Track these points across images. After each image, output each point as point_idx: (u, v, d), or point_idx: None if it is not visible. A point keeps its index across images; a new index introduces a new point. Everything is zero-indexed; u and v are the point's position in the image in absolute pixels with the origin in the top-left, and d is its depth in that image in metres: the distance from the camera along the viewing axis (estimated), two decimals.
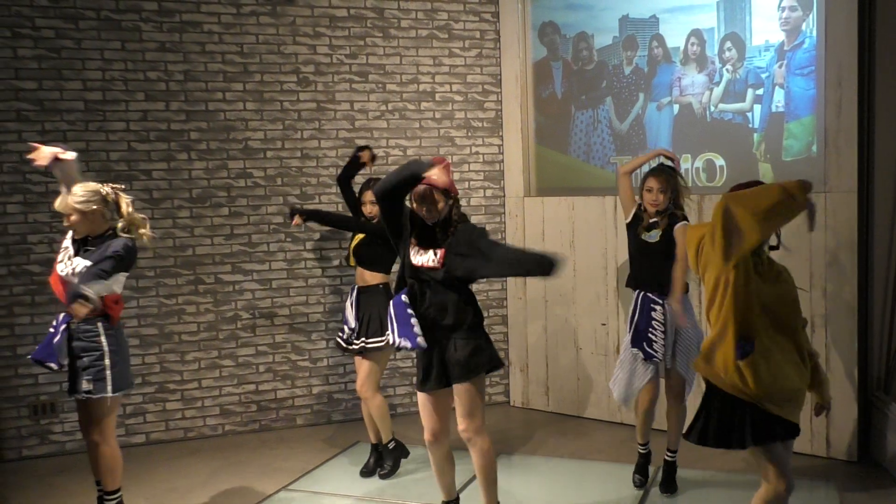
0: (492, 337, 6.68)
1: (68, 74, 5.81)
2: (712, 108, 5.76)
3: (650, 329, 4.66)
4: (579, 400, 6.45)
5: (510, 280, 6.77)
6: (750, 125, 5.60)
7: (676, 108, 5.95)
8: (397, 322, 3.85)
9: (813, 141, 5.32)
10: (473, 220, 6.73)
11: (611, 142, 6.32)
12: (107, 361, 4.06)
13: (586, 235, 6.30)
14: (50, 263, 5.74)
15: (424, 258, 3.89)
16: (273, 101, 6.25)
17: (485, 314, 6.74)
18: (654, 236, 4.66)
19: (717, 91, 5.72)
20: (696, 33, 5.79)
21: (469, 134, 6.74)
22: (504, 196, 6.83)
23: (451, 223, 3.94)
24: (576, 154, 6.52)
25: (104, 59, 5.87)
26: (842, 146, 5.13)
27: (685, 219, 4.67)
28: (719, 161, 5.77)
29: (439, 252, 3.87)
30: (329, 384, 6.48)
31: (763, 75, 5.49)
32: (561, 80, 6.57)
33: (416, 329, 3.82)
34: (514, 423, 6.44)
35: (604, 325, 6.23)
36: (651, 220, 4.71)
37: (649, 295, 4.69)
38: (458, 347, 3.88)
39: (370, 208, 5.12)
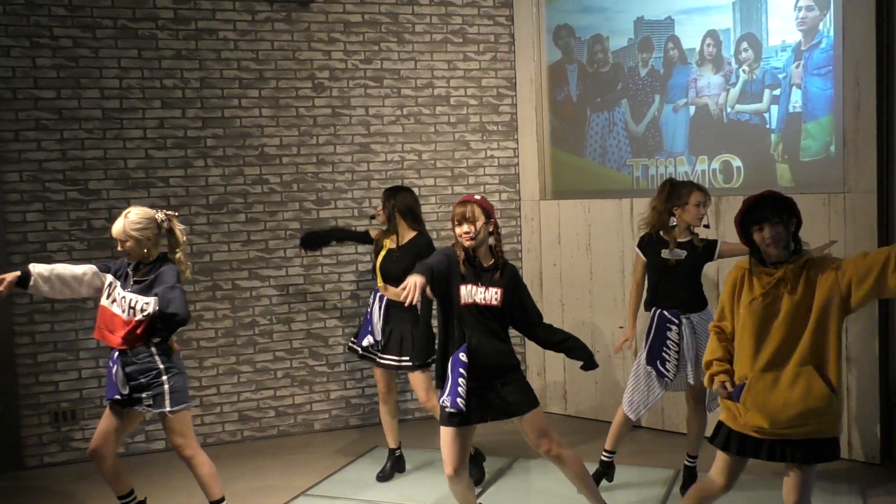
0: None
1: (86, 83, 5.85)
2: (729, 110, 5.73)
3: (664, 349, 4.64)
4: (597, 403, 6.43)
5: (526, 283, 6.74)
6: (767, 126, 5.56)
7: (693, 109, 5.93)
8: (451, 382, 3.83)
9: (831, 141, 5.28)
10: None
11: (627, 144, 6.30)
12: (164, 378, 4.08)
13: (603, 238, 6.28)
14: None
15: (476, 296, 3.89)
16: (288, 107, 6.27)
17: None
18: (679, 254, 4.65)
19: (734, 92, 5.69)
20: (711, 34, 5.77)
21: (484, 137, 6.74)
22: (520, 199, 6.82)
23: (501, 260, 3.98)
24: (591, 157, 6.50)
25: (121, 68, 5.91)
26: (860, 146, 5.09)
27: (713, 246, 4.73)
28: (736, 162, 5.74)
29: (498, 291, 3.90)
30: (346, 389, 6.49)
31: (780, 76, 5.46)
32: (576, 82, 6.56)
33: (462, 391, 3.81)
34: None
35: (621, 327, 6.20)
36: (680, 240, 4.69)
37: (665, 313, 4.67)
38: (508, 384, 3.91)
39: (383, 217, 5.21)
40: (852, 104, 5.10)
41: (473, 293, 3.89)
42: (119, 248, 4.16)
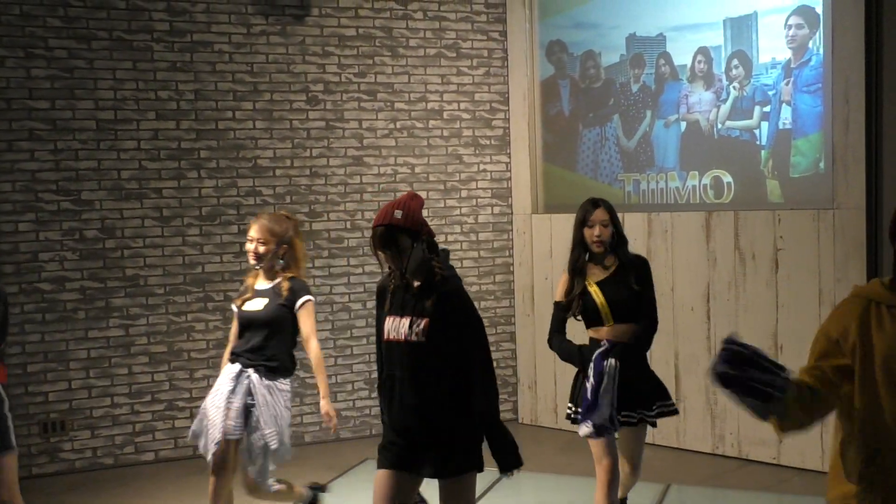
0: (500, 354, 6.74)
1: (80, 94, 5.86)
2: (719, 126, 5.78)
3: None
4: None
5: (517, 297, 6.78)
6: (757, 142, 5.61)
7: (684, 125, 5.97)
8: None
9: (820, 158, 5.33)
10: (482, 237, 6.77)
11: (618, 159, 6.34)
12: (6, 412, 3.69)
13: None
14: (61, 281, 5.80)
15: (399, 329, 3.11)
16: (282, 120, 6.29)
17: (492, 331, 6.78)
18: (255, 304, 4.13)
19: (725, 108, 5.74)
20: (702, 51, 5.82)
21: (477, 152, 6.77)
22: (512, 213, 6.84)
23: (433, 283, 3.10)
24: (583, 171, 6.54)
25: (116, 79, 5.93)
26: (850, 163, 5.14)
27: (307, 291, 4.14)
28: (727, 178, 5.78)
29: (422, 322, 3.06)
30: (337, 401, 6.47)
31: (770, 92, 5.51)
32: (568, 97, 6.60)
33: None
34: (522, 440, 6.36)
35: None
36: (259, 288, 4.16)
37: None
38: (434, 447, 3.13)
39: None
40: (841, 121, 5.15)
41: (398, 326, 3.12)
42: None
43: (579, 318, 3.96)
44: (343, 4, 6.39)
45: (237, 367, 4.06)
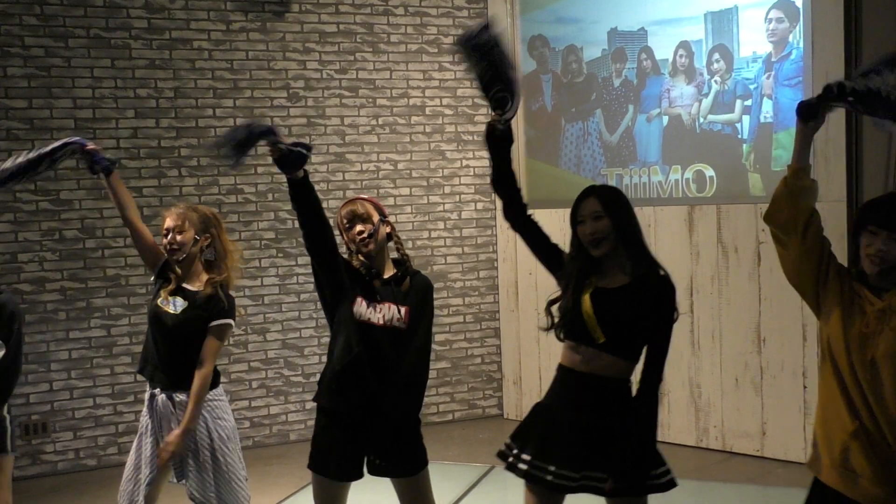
0: (484, 350, 6.76)
1: (58, 93, 5.80)
2: (701, 120, 5.80)
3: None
4: None
5: (502, 292, 6.78)
6: (739, 136, 5.63)
7: (666, 119, 5.98)
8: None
9: None
10: (465, 233, 6.76)
11: (601, 154, 6.35)
12: (6, 415, 3.65)
13: None
14: (41, 282, 5.74)
15: (377, 315, 3.16)
16: (263, 117, 6.25)
17: (477, 326, 6.79)
18: (174, 305, 3.66)
19: (706, 102, 5.75)
20: (684, 45, 5.83)
21: (460, 147, 6.76)
22: (495, 209, 6.83)
23: (406, 270, 3.26)
24: (566, 166, 6.54)
25: (94, 77, 5.87)
26: (830, 156, 5.16)
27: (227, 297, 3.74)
28: (709, 172, 5.80)
29: (402, 309, 3.17)
30: None
31: (751, 86, 5.53)
32: (550, 92, 6.60)
33: None
34: (508, 435, 6.41)
35: None
36: (190, 287, 3.70)
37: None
38: (404, 433, 3.21)
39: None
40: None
41: (376, 312, 3.17)
42: None
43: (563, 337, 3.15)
44: (323, 0, 6.36)
45: (151, 392, 3.58)
